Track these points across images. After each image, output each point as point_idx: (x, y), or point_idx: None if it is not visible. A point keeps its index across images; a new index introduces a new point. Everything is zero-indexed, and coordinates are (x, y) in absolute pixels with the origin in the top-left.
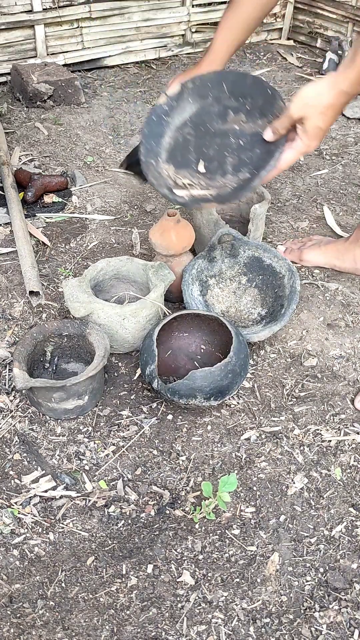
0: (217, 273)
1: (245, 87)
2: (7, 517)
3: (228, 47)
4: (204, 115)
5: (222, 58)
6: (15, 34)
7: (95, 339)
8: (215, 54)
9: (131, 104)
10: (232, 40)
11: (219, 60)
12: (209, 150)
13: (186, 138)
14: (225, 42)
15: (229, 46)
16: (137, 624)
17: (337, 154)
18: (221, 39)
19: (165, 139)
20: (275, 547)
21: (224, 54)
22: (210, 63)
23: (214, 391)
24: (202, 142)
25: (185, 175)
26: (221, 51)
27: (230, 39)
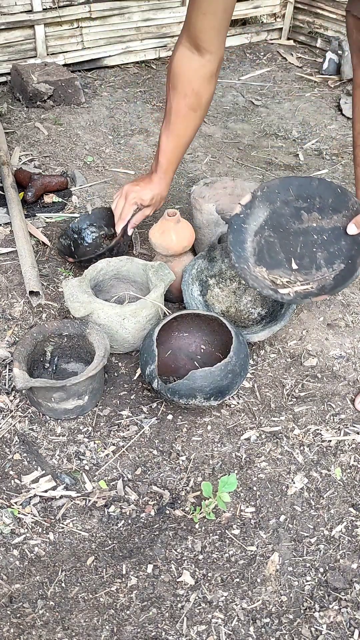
0: (217, 273)
1: (311, 189)
2: (7, 517)
3: (173, 166)
4: (278, 217)
5: (170, 175)
6: (15, 34)
7: (95, 339)
8: (164, 173)
9: (131, 104)
10: (175, 161)
11: (167, 178)
12: (296, 249)
13: (268, 240)
14: (171, 163)
15: (174, 166)
16: (137, 624)
17: (337, 154)
18: (166, 162)
19: (248, 244)
20: (275, 547)
21: (170, 172)
22: (160, 180)
23: (214, 391)
24: (285, 242)
25: (279, 274)
26: (168, 170)
27: (174, 160)
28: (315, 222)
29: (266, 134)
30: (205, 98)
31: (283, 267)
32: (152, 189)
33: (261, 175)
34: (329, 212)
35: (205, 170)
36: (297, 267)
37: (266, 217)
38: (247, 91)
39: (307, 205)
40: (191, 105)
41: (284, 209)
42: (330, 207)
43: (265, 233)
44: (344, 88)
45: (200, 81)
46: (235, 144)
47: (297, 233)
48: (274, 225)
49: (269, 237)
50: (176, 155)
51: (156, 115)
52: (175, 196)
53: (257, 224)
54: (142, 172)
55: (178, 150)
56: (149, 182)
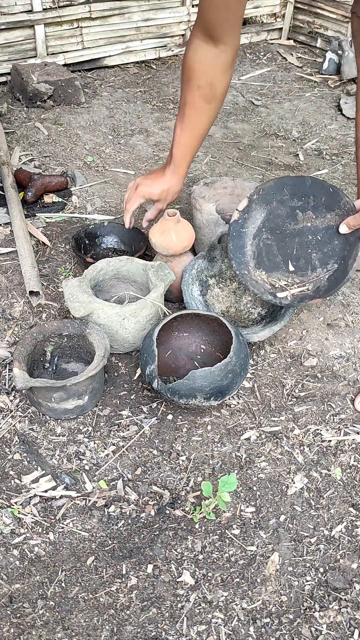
0: (217, 273)
1: (305, 188)
2: (7, 517)
3: (187, 159)
4: (275, 219)
5: (184, 168)
6: (15, 34)
7: (95, 339)
8: (177, 166)
9: (131, 104)
10: (189, 153)
11: (181, 171)
12: (292, 250)
13: (266, 243)
14: (184, 156)
15: (188, 159)
16: (137, 624)
17: (337, 154)
18: (180, 154)
19: (247, 248)
20: (275, 547)
21: (184, 165)
22: (173, 174)
23: (214, 391)
24: (282, 244)
25: (278, 277)
26: (182, 164)
27: (188, 153)
28: (309, 221)
29: (266, 134)
30: (220, 90)
31: (281, 270)
32: (163, 183)
33: (261, 175)
34: (323, 211)
35: (205, 170)
36: (293, 268)
37: (263, 219)
38: (247, 91)
39: (302, 204)
40: (205, 97)
41: (280, 209)
42: (324, 205)
43: (263, 236)
44: (344, 88)
45: (215, 72)
46: (235, 144)
47: (293, 234)
48: (271, 227)
49: (266, 240)
50: (190, 148)
51: (156, 115)
52: None
53: (255, 227)
54: (142, 172)
55: (192, 143)
56: (161, 175)
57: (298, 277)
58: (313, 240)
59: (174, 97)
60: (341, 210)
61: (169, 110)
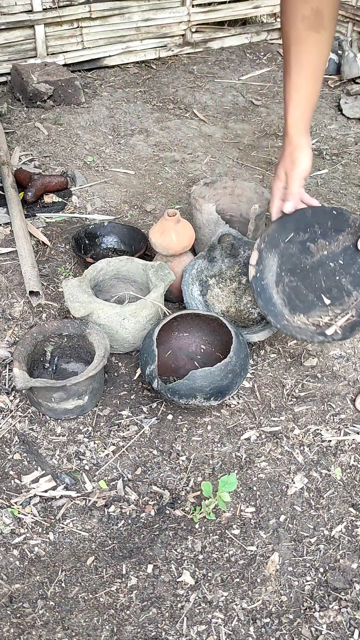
0: (217, 273)
1: (306, 218)
2: (7, 517)
3: (307, 113)
4: (289, 259)
5: (302, 127)
6: (15, 34)
7: (95, 339)
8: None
9: (131, 104)
10: (308, 104)
11: (299, 132)
12: (321, 284)
13: (291, 286)
14: (303, 110)
15: (307, 112)
16: (137, 624)
17: (337, 154)
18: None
19: (275, 298)
20: (275, 547)
21: (302, 123)
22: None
23: (214, 391)
24: (308, 281)
25: (319, 315)
26: (298, 121)
27: (306, 103)
28: (324, 249)
29: (266, 134)
30: (327, 14)
31: (318, 307)
32: (281, 164)
33: (261, 175)
34: (333, 235)
35: (205, 170)
36: (329, 301)
37: (278, 264)
38: (247, 91)
39: (310, 235)
40: (312, 26)
41: (291, 248)
42: (332, 229)
43: (286, 280)
44: (344, 88)
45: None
46: (235, 144)
47: (314, 267)
48: (290, 268)
49: (290, 283)
50: (307, 96)
51: (156, 115)
52: (175, 196)
53: (273, 274)
54: (142, 172)
55: (309, 89)
56: (280, 158)
57: (337, 307)
58: (337, 266)
59: (174, 97)
60: (352, 228)
61: (169, 110)
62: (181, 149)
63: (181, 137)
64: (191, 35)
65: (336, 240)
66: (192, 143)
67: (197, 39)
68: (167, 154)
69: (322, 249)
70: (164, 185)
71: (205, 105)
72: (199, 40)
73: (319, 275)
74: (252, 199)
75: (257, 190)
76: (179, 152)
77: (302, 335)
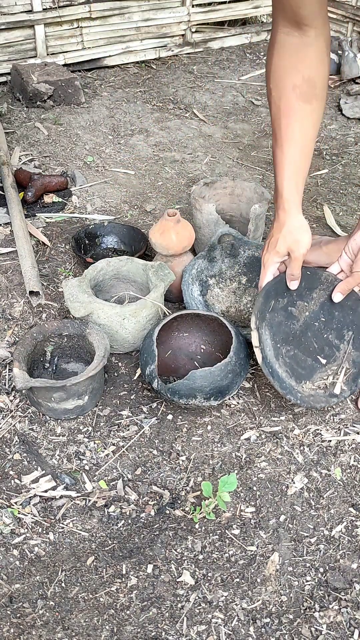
0: (217, 273)
1: (282, 284)
2: (7, 517)
3: (296, 186)
4: (278, 328)
5: (294, 199)
6: (15, 34)
7: (95, 339)
8: (284, 199)
9: (131, 104)
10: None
11: (292, 205)
12: (313, 345)
13: (290, 355)
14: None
15: (297, 184)
16: (137, 624)
17: (337, 154)
18: (287, 183)
19: (280, 371)
20: (275, 547)
21: (294, 195)
22: (285, 214)
23: (214, 391)
24: (302, 346)
25: (321, 377)
26: (292, 193)
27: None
28: (306, 310)
29: (266, 134)
30: (320, 84)
31: (318, 369)
32: (281, 240)
33: (261, 175)
34: (308, 294)
35: (205, 170)
36: (325, 360)
37: (272, 336)
38: (247, 91)
39: (288, 299)
40: (304, 96)
41: (277, 317)
42: (305, 288)
43: (283, 350)
44: (344, 88)
45: (310, 64)
46: (235, 144)
47: (303, 330)
48: (283, 338)
49: (288, 352)
50: (297, 168)
51: (156, 115)
52: (175, 196)
53: (270, 349)
54: (142, 172)
55: (299, 161)
56: (275, 228)
57: (333, 364)
58: (321, 325)
59: (174, 97)
60: (324, 284)
61: (169, 110)
62: (181, 149)
63: (181, 137)
64: (191, 35)
65: (312, 299)
66: (192, 143)
67: (197, 39)
68: (167, 154)
69: (304, 310)
70: (164, 185)
71: (205, 105)
72: (199, 40)
73: (309, 337)
74: (252, 199)
75: (257, 190)
76: (179, 152)
77: (319, 403)
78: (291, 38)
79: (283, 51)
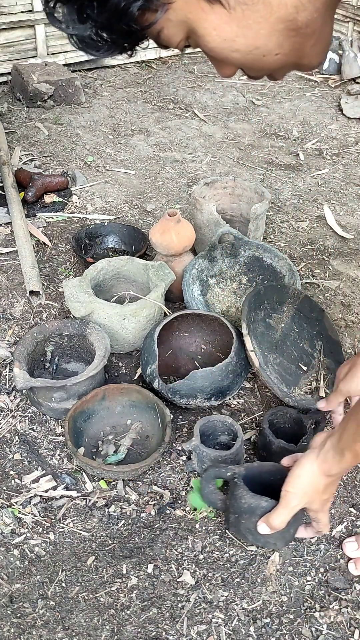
0: (217, 273)
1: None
2: (8, 517)
3: None
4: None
5: None
6: (15, 34)
7: (95, 339)
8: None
9: (131, 104)
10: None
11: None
12: (293, 354)
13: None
14: None
15: None
16: (138, 623)
17: (337, 154)
18: None
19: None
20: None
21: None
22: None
23: (215, 391)
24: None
25: (304, 383)
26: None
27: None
28: (280, 322)
29: (267, 134)
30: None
31: (301, 376)
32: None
33: (261, 175)
34: (279, 307)
35: (205, 170)
36: (305, 367)
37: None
38: (248, 91)
39: (264, 312)
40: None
41: (258, 328)
42: (277, 302)
43: (270, 358)
44: (345, 88)
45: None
46: (235, 144)
47: (283, 340)
48: (267, 347)
49: (275, 360)
50: None
51: (156, 115)
52: (175, 196)
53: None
54: (142, 172)
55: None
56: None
57: (312, 371)
58: (295, 335)
59: (174, 96)
60: (292, 298)
61: (169, 110)
62: (181, 149)
63: (181, 137)
64: None
65: (283, 312)
66: (193, 143)
67: None
68: (168, 154)
69: (279, 322)
70: (165, 185)
71: (205, 105)
72: None
73: (289, 346)
74: (252, 198)
75: (258, 190)
76: (180, 152)
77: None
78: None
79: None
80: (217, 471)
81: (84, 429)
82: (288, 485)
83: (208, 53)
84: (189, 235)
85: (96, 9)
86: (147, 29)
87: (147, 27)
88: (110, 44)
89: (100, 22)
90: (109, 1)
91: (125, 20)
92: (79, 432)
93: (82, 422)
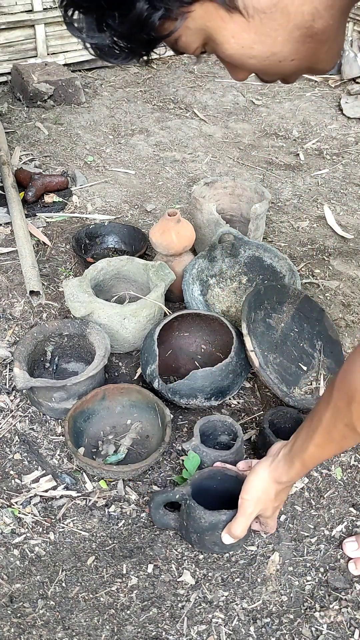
0: (217, 273)
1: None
2: (8, 516)
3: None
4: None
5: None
6: (15, 34)
7: (95, 339)
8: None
9: (131, 104)
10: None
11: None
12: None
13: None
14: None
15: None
16: (138, 623)
17: (337, 154)
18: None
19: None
20: (275, 547)
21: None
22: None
23: (215, 391)
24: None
25: (304, 383)
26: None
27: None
28: (280, 322)
29: (267, 134)
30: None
31: (302, 376)
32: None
33: (261, 175)
34: (279, 307)
35: (205, 169)
36: (305, 367)
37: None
38: (248, 91)
39: (264, 312)
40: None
41: (258, 328)
42: (277, 302)
43: (270, 358)
44: (345, 88)
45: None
46: (235, 144)
47: (283, 340)
48: (267, 347)
49: (275, 360)
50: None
51: (156, 114)
52: (175, 196)
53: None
54: (142, 172)
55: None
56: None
57: (313, 371)
58: (295, 335)
59: (174, 96)
60: (292, 298)
61: (169, 110)
62: (181, 149)
63: (181, 137)
64: None
65: (283, 312)
66: (193, 143)
67: None
68: (168, 154)
69: (279, 322)
70: (165, 185)
71: (205, 105)
72: None
73: (289, 346)
74: (252, 198)
75: (258, 190)
76: (180, 152)
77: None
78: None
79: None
80: (164, 496)
81: (84, 429)
82: (244, 492)
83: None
84: (189, 235)
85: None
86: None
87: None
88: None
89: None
90: (130, 12)
91: (146, 30)
92: (79, 432)
93: (82, 422)
